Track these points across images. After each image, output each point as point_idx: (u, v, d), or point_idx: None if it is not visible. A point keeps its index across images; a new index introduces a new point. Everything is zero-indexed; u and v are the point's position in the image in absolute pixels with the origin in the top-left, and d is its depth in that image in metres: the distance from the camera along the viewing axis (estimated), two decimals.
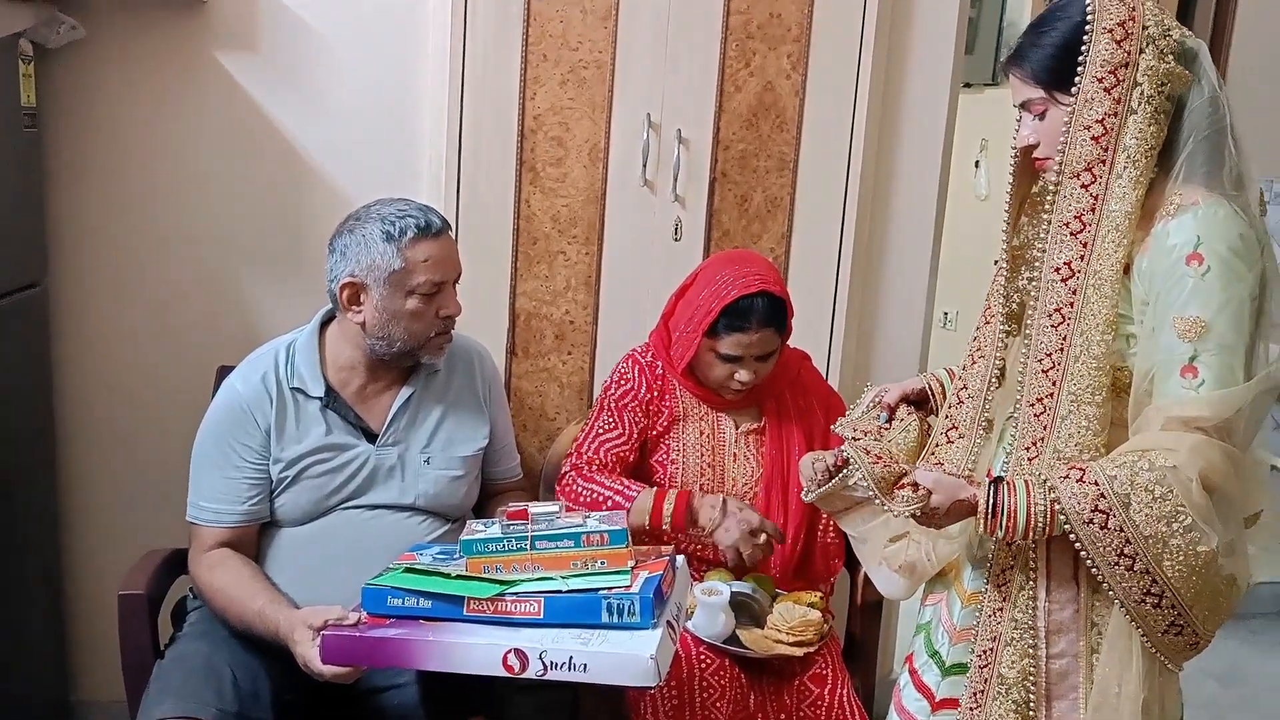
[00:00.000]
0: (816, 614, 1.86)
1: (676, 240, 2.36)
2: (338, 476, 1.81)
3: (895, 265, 2.56)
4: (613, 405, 2.07)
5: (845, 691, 1.85)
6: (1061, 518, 1.34)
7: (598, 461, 2.05)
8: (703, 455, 2.04)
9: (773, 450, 2.06)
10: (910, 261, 2.56)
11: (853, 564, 2.08)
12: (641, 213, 2.34)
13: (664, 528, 1.93)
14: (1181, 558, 1.30)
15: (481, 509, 2.03)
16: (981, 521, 1.39)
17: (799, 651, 1.82)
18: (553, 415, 2.41)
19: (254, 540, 1.81)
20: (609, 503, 1.96)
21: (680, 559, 1.66)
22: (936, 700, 1.60)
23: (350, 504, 1.83)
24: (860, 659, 2.06)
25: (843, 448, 1.55)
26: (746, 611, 1.90)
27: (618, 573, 1.55)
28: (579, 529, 1.58)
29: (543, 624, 1.50)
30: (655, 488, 2.00)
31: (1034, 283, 1.45)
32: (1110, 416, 1.39)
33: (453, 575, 1.57)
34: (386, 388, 1.87)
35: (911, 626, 1.73)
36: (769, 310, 1.94)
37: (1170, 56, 1.35)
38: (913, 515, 1.44)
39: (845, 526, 1.69)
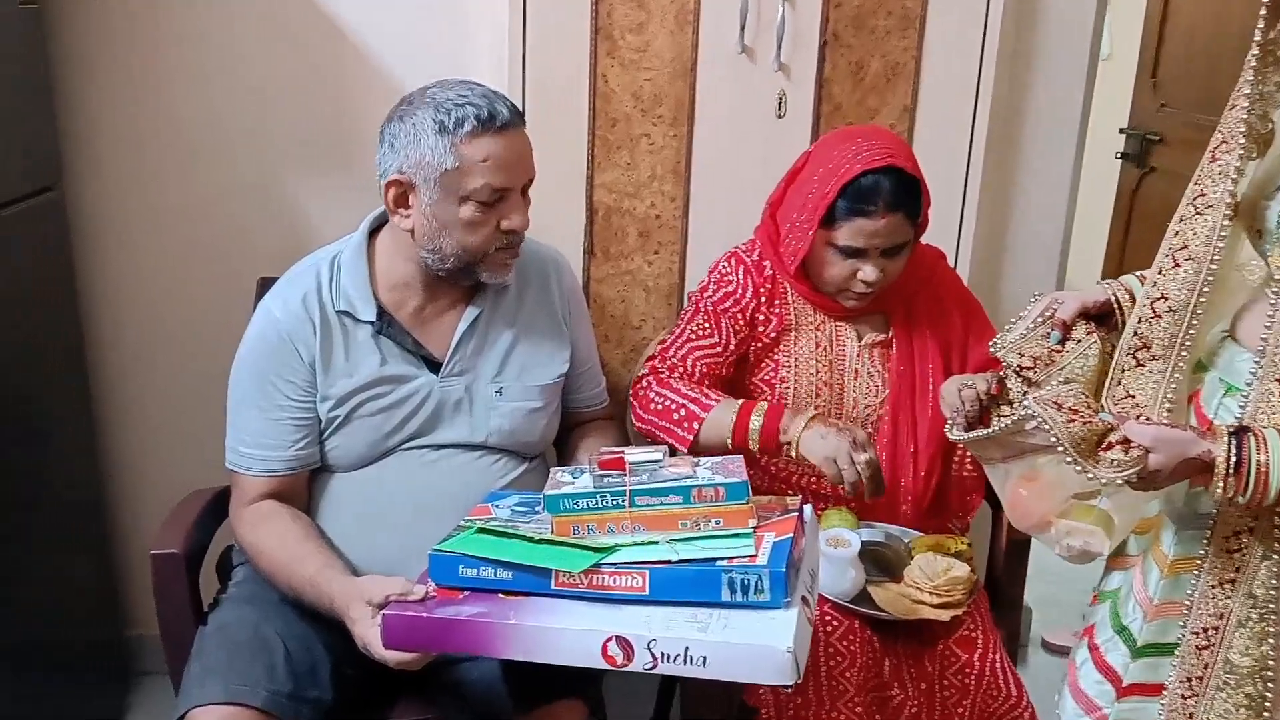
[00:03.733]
0: (964, 568, 1.56)
1: (780, 117, 2.00)
2: (396, 414, 1.54)
3: (1036, 142, 2.17)
4: (709, 308, 1.75)
5: (998, 657, 1.57)
6: None
7: (682, 370, 1.75)
8: (818, 372, 1.73)
9: (902, 365, 1.74)
10: (1054, 137, 2.18)
11: (994, 496, 1.79)
12: (739, 86, 1.98)
13: (750, 448, 1.63)
14: None
15: (563, 443, 1.76)
16: (1220, 484, 1.07)
17: (945, 615, 1.54)
18: (637, 324, 2.11)
19: (303, 489, 1.56)
20: (680, 411, 1.68)
21: (808, 510, 1.37)
22: (1124, 685, 1.31)
23: (412, 444, 1.56)
24: (1002, 609, 1.77)
25: (1026, 399, 1.22)
26: (879, 563, 1.61)
27: (737, 535, 1.27)
28: (688, 481, 1.30)
29: (648, 601, 1.23)
30: (740, 400, 1.70)
31: None
32: None
33: (536, 539, 1.31)
34: (449, 308, 1.58)
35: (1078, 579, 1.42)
36: (899, 190, 1.60)
37: None
38: (1127, 481, 1.12)
39: (1005, 484, 1.37)
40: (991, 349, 1.42)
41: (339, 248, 1.59)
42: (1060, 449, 1.15)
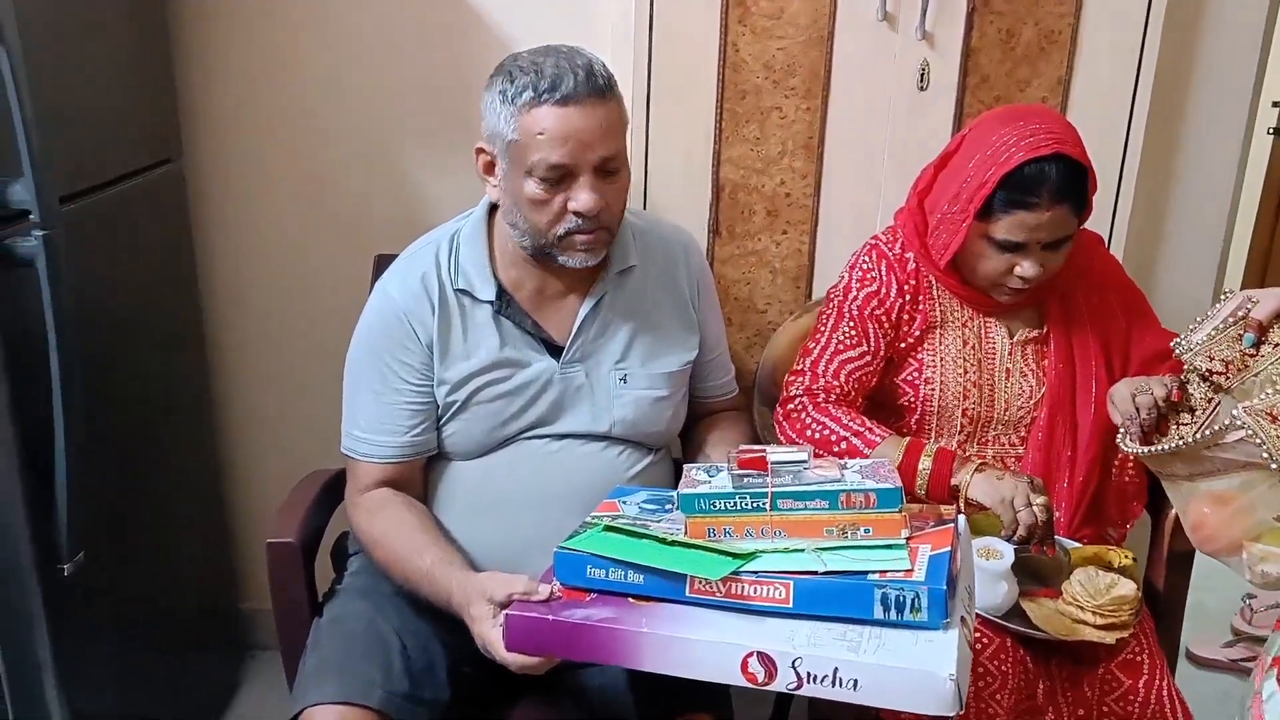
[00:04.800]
0: (1130, 585, 1.42)
1: (922, 89, 1.86)
2: (516, 400, 1.47)
3: (1201, 117, 1.99)
4: (854, 312, 1.63)
5: (1165, 684, 1.43)
6: None
7: (837, 389, 1.62)
8: (966, 371, 1.60)
9: (1059, 363, 1.60)
10: (1221, 112, 1.99)
11: (1155, 504, 1.64)
12: (878, 55, 1.84)
13: (916, 491, 1.51)
14: None
15: (688, 434, 1.66)
16: None
17: (1110, 638, 1.40)
18: (763, 307, 2.00)
19: (419, 477, 1.50)
20: (842, 444, 1.56)
21: (962, 520, 1.25)
22: None
23: (532, 433, 1.48)
24: (1164, 628, 1.62)
25: (1236, 410, 1.08)
26: (1032, 572, 1.48)
27: (889, 546, 1.16)
28: (836, 485, 1.19)
29: (791, 615, 1.13)
30: (907, 438, 1.57)
31: None
32: None
33: (668, 540, 1.22)
34: (570, 289, 1.49)
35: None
36: (1065, 180, 1.46)
37: None
38: None
39: (1187, 503, 1.23)
40: (1175, 351, 1.28)
41: (459, 224, 1.52)
42: (1276, 467, 1.01)
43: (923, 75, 1.86)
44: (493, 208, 1.50)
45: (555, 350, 1.48)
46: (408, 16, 1.97)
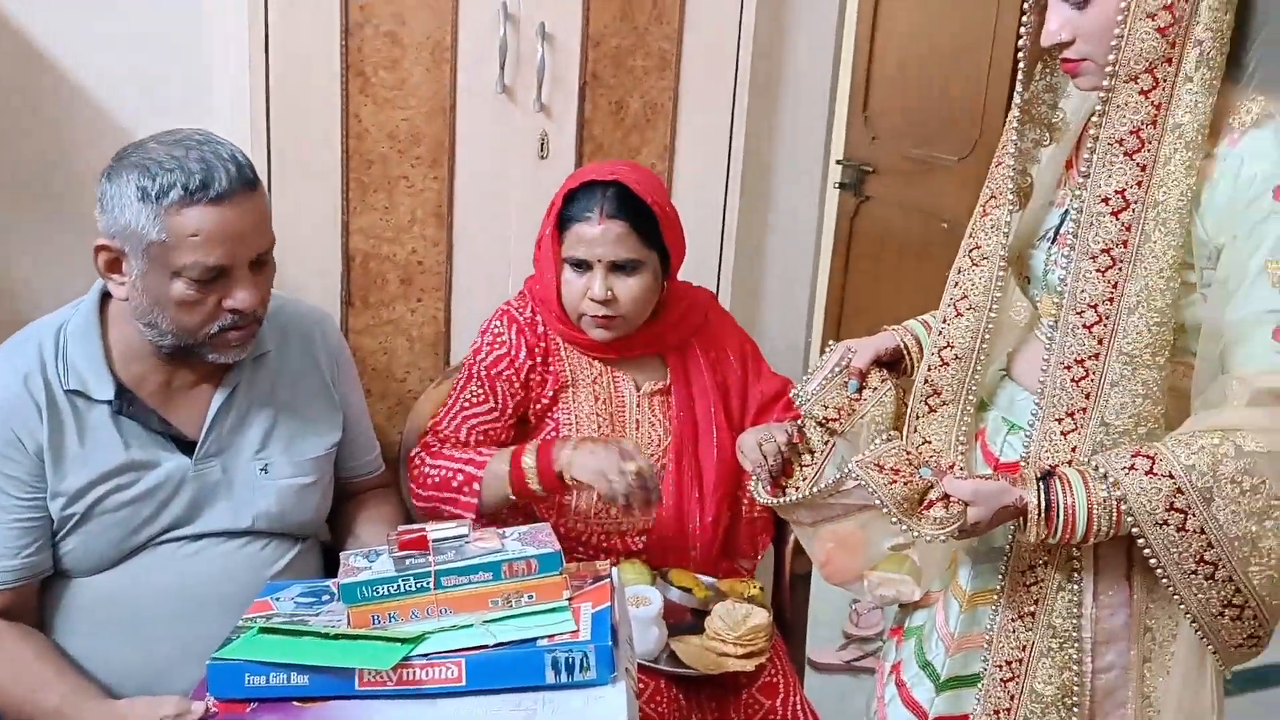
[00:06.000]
0: (763, 614, 1.56)
1: (543, 158, 1.95)
2: (145, 505, 1.35)
3: (785, 178, 2.25)
4: (483, 373, 1.67)
5: (798, 699, 1.58)
6: (1129, 519, 1.09)
7: (455, 440, 1.67)
8: (600, 426, 1.69)
9: (680, 412, 1.73)
10: (800, 172, 2.26)
11: (779, 534, 1.82)
12: (500, 126, 1.91)
13: (531, 488, 1.57)
14: (1273, 560, 1.08)
15: (337, 517, 1.61)
16: (1034, 527, 1.12)
17: (750, 665, 1.52)
18: (401, 376, 1.99)
19: (34, 602, 1.33)
20: (458, 476, 1.60)
21: (615, 573, 1.32)
22: (930, 718, 1.35)
23: (166, 537, 1.37)
24: (792, 644, 1.79)
25: (850, 464, 1.22)
26: (679, 617, 1.59)
27: (553, 609, 1.21)
28: (498, 556, 1.22)
29: (466, 692, 1.14)
30: (512, 447, 1.64)
31: (1076, 204, 1.16)
32: (1170, 381, 1.14)
33: (331, 634, 1.18)
34: (200, 380, 1.40)
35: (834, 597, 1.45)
36: (620, 202, 1.59)
37: None
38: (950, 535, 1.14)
39: (813, 542, 1.38)
40: (795, 402, 1.43)
41: (66, 315, 1.37)
42: (885, 511, 1.16)
43: (543, 144, 1.95)
44: (105, 296, 1.38)
45: (187, 446, 1.38)
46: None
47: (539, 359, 1.68)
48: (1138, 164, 1.11)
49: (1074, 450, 1.18)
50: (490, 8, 1.83)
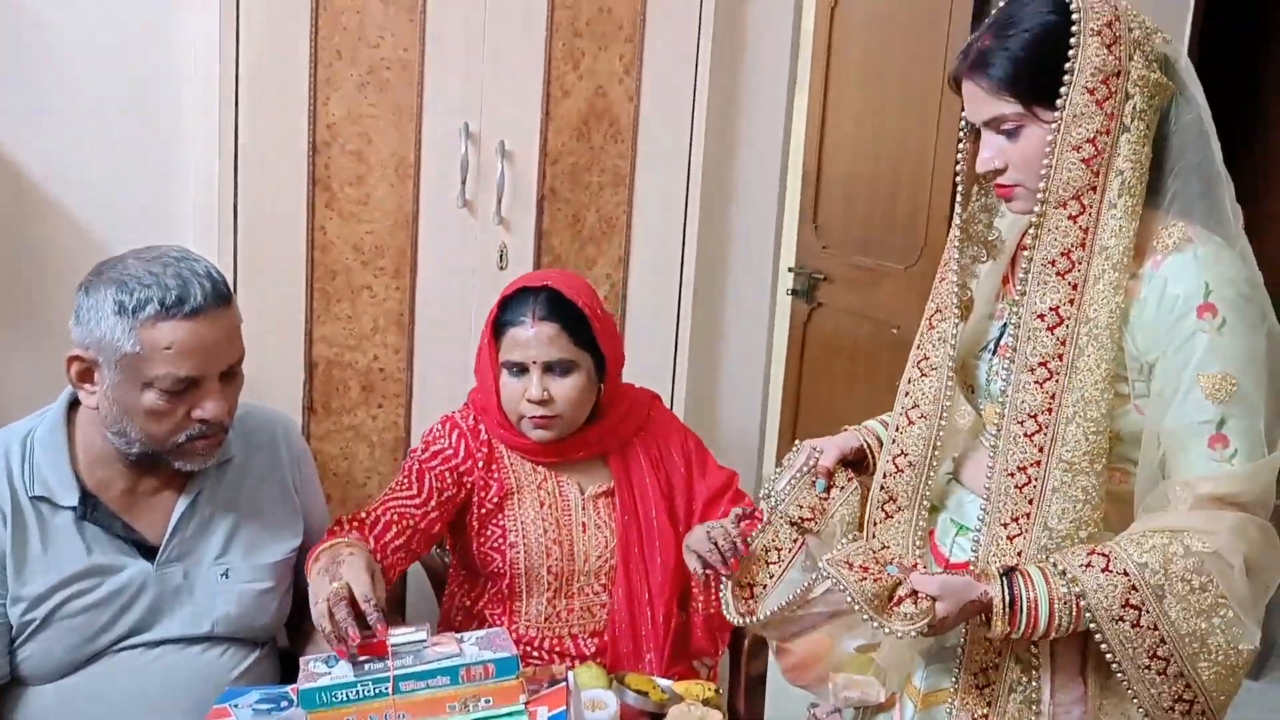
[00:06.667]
0: (718, 716, 1.56)
1: (502, 269, 2.02)
2: (105, 610, 1.36)
3: (737, 286, 2.35)
4: (415, 466, 1.70)
5: None
6: (1088, 614, 1.14)
7: (362, 520, 1.61)
8: (546, 531, 1.72)
9: (624, 514, 1.75)
10: (752, 281, 2.36)
11: (736, 632, 1.84)
12: (460, 239, 1.99)
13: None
14: (1221, 657, 1.13)
15: (296, 623, 1.62)
16: (999, 621, 1.16)
17: None
18: (362, 480, 2.02)
19: None
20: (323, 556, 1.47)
21: (571, 676, 1.35)
22: None
23: (124, 644, 1.38)
24: None
25: (821, 562, 1.24)
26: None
27: (510, 714, 1.23)
28: (456, 660, 1.24)
29: None
30: (338, 541, 1.52)
31: (1012, 323, 1.24)
32: (1108, 487, 1.21)
33: None
34: (163, 486, 1.43)
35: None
36: (552, 306, 1.64)
37: (1155, 64, 1.18)
38: (919, 631, 1.18)
39: (783, 652, 1.41)
40: (766, 502, 1.46)
41: (32, 423, 1.41)
42: (857, 608, 1.19)
43: (502, 255, 2.02)
44: (73, 405, 1.41)
45: (149, 551, 1.41)
46: None
47: (480, 464, 1.71)
48: (1069, 283, 1.19)
49: (1020, 554, 1.23)
50: (452, 127, 1.92)
